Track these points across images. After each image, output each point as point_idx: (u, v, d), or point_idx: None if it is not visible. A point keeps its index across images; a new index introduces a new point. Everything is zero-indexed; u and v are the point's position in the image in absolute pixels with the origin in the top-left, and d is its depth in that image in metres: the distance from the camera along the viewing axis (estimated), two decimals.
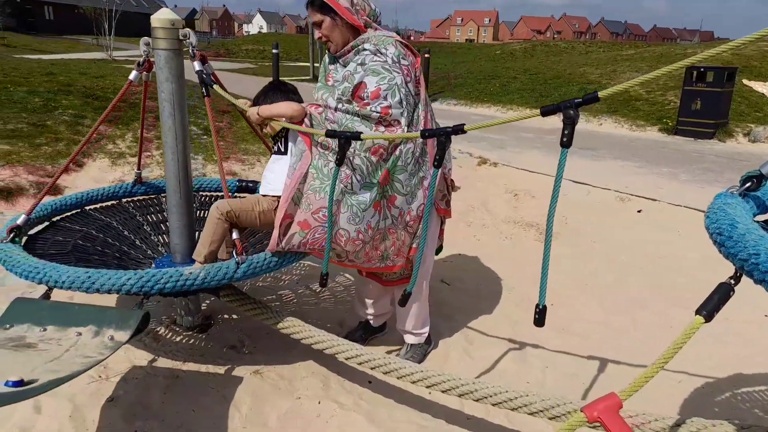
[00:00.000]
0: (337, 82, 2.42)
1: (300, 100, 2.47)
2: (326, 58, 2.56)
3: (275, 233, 2.35)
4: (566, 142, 1.65)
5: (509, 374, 2.85)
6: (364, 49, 2.34)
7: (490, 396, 1.92)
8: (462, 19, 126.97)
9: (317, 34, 2.43)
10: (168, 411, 2.37)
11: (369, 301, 2.97)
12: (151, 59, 2.59)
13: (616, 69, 14.64)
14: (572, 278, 4.00)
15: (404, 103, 2.28)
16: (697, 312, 1.19)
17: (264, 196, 2.59)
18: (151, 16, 2.48)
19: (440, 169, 2.21)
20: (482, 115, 12.02)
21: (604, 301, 3.72)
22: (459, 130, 1.90)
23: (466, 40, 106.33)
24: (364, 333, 3.07)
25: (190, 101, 6.91)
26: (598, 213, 5.42)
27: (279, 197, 2.42)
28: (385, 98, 2.24)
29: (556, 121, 11.06)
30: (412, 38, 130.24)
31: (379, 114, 2.24)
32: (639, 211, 5.42)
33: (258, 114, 2.42)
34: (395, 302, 2.82)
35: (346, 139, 2.15)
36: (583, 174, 6.31)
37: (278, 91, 2.57)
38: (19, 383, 1.60)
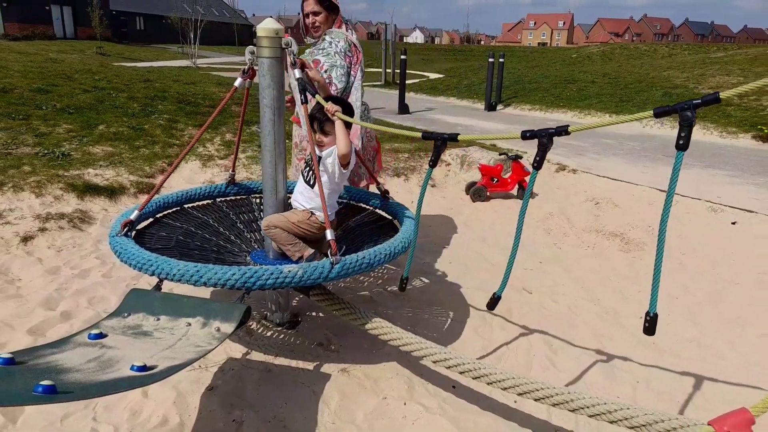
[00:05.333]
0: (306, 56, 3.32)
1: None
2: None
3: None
4: (683, 145, 1.59)
5: (597, 388, 2.77)
6: (325, 38, 3.35)
7: (588, 407, 1.88)
8: (535, 23, 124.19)
9: (311, 19, 3.32)
10: (262, 402, 2.48)
11: None
12: (255, 67, 2.73)
13: (704, 72, 13.84)
14: (660, 292, 3.81)
15: (340, 77, 3.27)
16: None
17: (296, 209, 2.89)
18: (257, 26, 2.62)
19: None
20: (558, 121, 11.70)
21: (697, 318, 3.53)
22: (563, 131, 1.88)
23: (539, 43, 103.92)
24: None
25: None
26: (687, 224, 5.15)
27: (310, 210, 2.81)
28: (326, 71, 3.25)
29: (637, 126, 10.62)
30: (482, 42, 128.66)
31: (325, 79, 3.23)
32: (733, 223, 5.10)
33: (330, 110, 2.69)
34: None
35: (443, 141, 2.23)
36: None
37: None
38: (143, 368, 1.73)
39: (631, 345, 3.17)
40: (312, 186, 2.80)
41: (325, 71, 3.25)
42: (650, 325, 1.86)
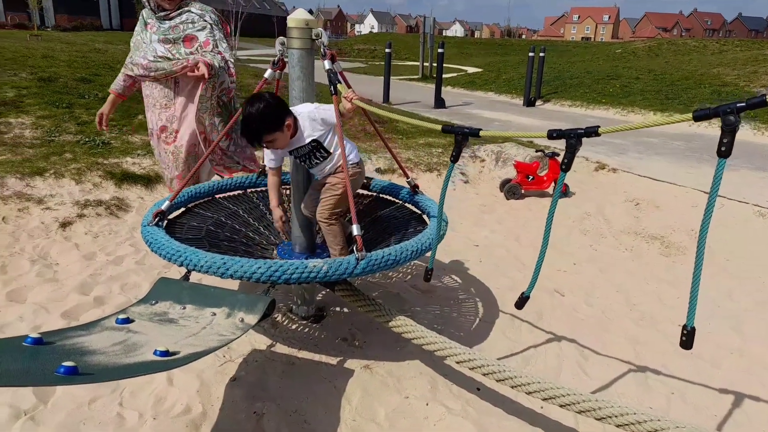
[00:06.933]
0: (162, 30, 3.14)
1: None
2: (144, 14, 3.22)
3: None
4: (725, 152, 1.48)
5: (629, 398, 2.66)
6: (191, 12, 3.16)
7: (616, 416, 1.79)
8: (579, 16, 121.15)
9: None
10: (284, 395, 2.48)
11: None
12: (285, 58, 2.71)
13: (756, 70, 13.20)
14: (701, 298, 3.64)
15: (226, 49, 3.20)
16: None
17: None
18: (288, 17, 2.60)
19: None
20: (599, 118, 11.36)
21: (741, 326, 3.36)
22: (593, 132, 1.79)
23: (583, 38, 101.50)
24: None
25: None
26: (733, 229, 4.91)
27: (350, 164, 2.67)
28: (216, 46, 3.16)
29: (683, 125, 10.20)
30: (524, 36, 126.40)
31: (221, 56, 3.14)
32: None
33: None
34: None
35: (464, 136, 2.17)
36: None
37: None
38: (166, 353, 1.74)
39: (667, 353, 3.04)
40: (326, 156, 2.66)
41: (212, 47, 3.14)
42: (687, 339, 1.75)
